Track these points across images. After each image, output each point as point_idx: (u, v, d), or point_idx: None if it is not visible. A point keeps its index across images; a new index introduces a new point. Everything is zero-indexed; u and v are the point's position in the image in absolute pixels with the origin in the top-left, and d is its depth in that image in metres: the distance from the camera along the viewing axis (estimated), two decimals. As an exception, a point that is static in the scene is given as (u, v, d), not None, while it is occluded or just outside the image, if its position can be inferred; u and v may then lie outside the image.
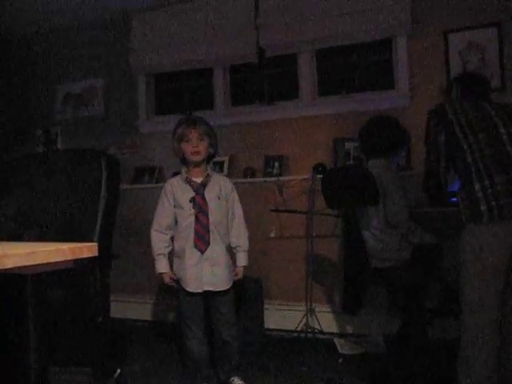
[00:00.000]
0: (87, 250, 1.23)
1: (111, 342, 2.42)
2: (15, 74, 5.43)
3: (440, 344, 3.57)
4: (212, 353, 3.07)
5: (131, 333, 3.58)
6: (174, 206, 2.90)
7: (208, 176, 2.93)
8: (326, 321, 4.01)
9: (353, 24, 4.14)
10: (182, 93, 5.01)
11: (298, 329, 3.89)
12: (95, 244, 1.25)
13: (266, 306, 4.03)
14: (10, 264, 1.04)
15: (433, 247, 3.01)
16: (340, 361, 3.46)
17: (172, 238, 2.93)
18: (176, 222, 2.91)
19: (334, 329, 4.08)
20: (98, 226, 1.73)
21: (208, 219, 2.85)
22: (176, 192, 2.91)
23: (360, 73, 4.40)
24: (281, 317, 4.18)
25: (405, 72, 4.07)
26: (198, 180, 2.92)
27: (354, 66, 4.42)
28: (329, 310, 4.12)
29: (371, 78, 4.35)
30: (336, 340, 3.79)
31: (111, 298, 2.06)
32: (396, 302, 3.52)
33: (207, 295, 2.89)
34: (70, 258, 1.19)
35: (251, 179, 4.38)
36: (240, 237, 2.98)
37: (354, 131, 4.01)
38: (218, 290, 2.87)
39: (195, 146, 2.88)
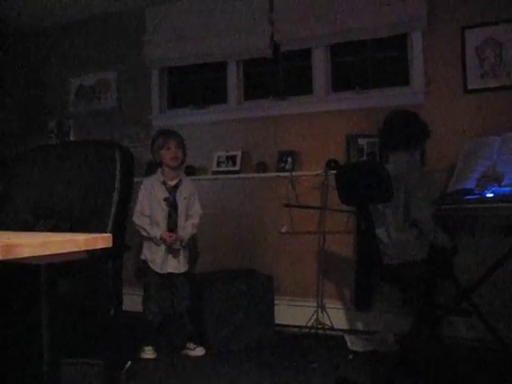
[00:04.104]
0: (101, 241, 1.22)
1: (123, 334, 2.42)
2: (29, 66, 5.45)
3: (451, 342, 3.55)
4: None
5: (142, 325, 3.60)
6: (150, 202, 3.55)
7: (180, 180, 3.62)
8: (336, 317, 4.00)
9: (368, 19, 4.11)
10: (196, 86, 5.00)
11: (309, 325, 3.88)
12: (109, 235, 1.24)
13: (276, 301, 4.02)
14: (24, 253, 1.03)
15: (449, 248, 2.98)
16: (350, 357, 3.45)
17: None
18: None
19: (345, 325, 4.06)
20: (111, 218, 1.73)
21: (177, 215, 3.56)
22: (153, 190, 3.56)
23: (374, 68, 4.36)
24: (291, 312, 4.17)
25: (420, 68, 4.03)
26: (172, 183, 3.59)
27: (369, 62, 4.39)
28: (340, 306, 4.11)
29: (386, 74, 4.31)
30: (346, 336, 3.77)
31: (123, 290, 2.06)
32: (408, 300, 3.50)
33: (169, 276, 3.57)
34: (83, 248, 1.18)
35: (264, 174, 4.37)
36: (193, 218, 3.64)
37: (367, 127, 4.01)
38: (178, 272, 3.57)
39: (174, 152, 3.54)
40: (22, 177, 2.10)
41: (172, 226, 3.55)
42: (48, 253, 1.09)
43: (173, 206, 3.56)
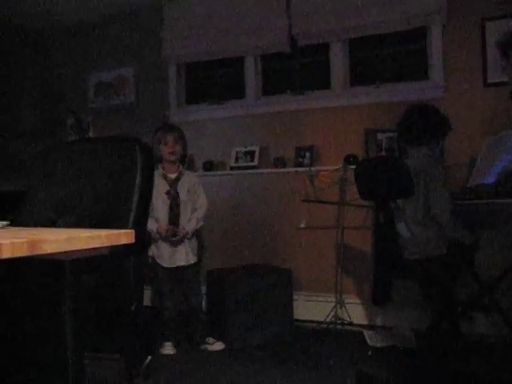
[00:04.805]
0: (124, 236, 1.23)
1: (142, 329, 2.44)
2: (48, 63, 5.49)
3: (471, 339, 3.52)
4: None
5: (158, 320, 3.63)
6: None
7: (180, 173, 3.64)
8: (355, 312, 3.99)
9: (386, 13, 4.07)
10: (213, 82, 5.00)
11: (327, 320, 3.87)
12: (132, 231, 1.25)
13: (295, 296, 4.02)
14: (49, 249, 1.04)
15: (469, 244, 2.96)
16: (369, 353, 3.44)
17: None
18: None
19: (364, 321, 4.05)
20: (132, 213, 1.73)
21: (179, 209, 3.57)
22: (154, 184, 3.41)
23: (393, 63, 4.33)
24: (310, 308, 4.17)
25: (439, 62, 3.99)
26: (173, 176, 3.61)
27: (387, 56, 4.35)
28: (358, 301, 4.10)
29: (404, 68, 4.28)
30: (365, 332, 3.76)
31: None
32: (428, 295, 3.48)
33: (179, 270, 3.58)
34: (106, 244, 1.19)
35: (282, 169, 4.37)
36: (198, 211, 3.65)
37: (386, 122, 3.99)
38: (186, 264, 3.57)
39: (171, 147, 3.57)
40: (44, 174, 2.11)
41: (174, 219, 3.56)
42: (72, 248, 1.10)
43: (174, 198, 3.58)
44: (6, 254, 0.96)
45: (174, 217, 3.56)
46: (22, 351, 1.34)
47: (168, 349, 3.53)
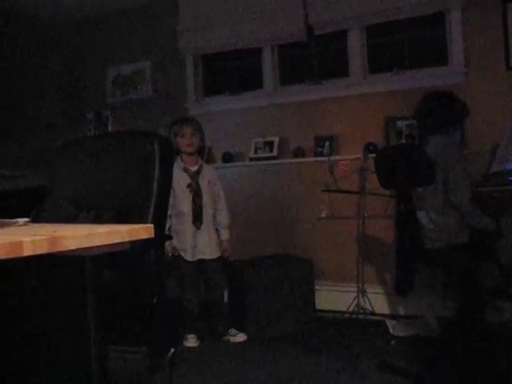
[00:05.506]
0: (144, 231, 1.23)
1: (166, 322, 2.46)
2: (67, 58, 5.51)
3: (496, 327, 3.48)
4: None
5: (181, 313, 3.66)
6: (173, 190, 3.43)
7: (201, 166, 3.67)
8: (377, 302, 3.97)
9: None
10: (231, 73, 4.99)
11: (350, 310, 3.85)
12: (151, 225, 1.25)
13: (316, 286, 4.02)
14: (70, 246, 1.04)
15: (492, 232, 2.92)
16: (392, 343, 3.42)
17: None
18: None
19: (386, 310, 4.04)
20: (152, 207, 1.74)
21: (202, 201, 3.59)
22: (174, 178, 3.28)
23: (412, 49, 4.27)
24: (332, 298, 4.16)
25: (459, 46, 3.93)
26: (193, 169, 3.63)
27: (406, 42, 4.30)
28: (381, 291, 4.08)
29: (423, 54, 4.22)
30: (388, 321, 3.74)
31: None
32: (451, 284, 3.45)
33: (202, 263, 3.60)
34: (127, 239, 1.19)
35: (301, 159, 4.35)
36: (222, 216, 3.73)
37: (406, 109, 3.94)
38: (209, 258, 3.60)
39: (189, 139, 3.57)
40: (64, 168, 2.13)
41: (197, 211, 3.58)
42: (93, 244, 1.10)
43: (196, 191, 3.59)
44: (27, 252, 0.96)
45: (197, 209, 3.58)
46: (46, 346, 1.35)
47: (191, 341, 3.56)
